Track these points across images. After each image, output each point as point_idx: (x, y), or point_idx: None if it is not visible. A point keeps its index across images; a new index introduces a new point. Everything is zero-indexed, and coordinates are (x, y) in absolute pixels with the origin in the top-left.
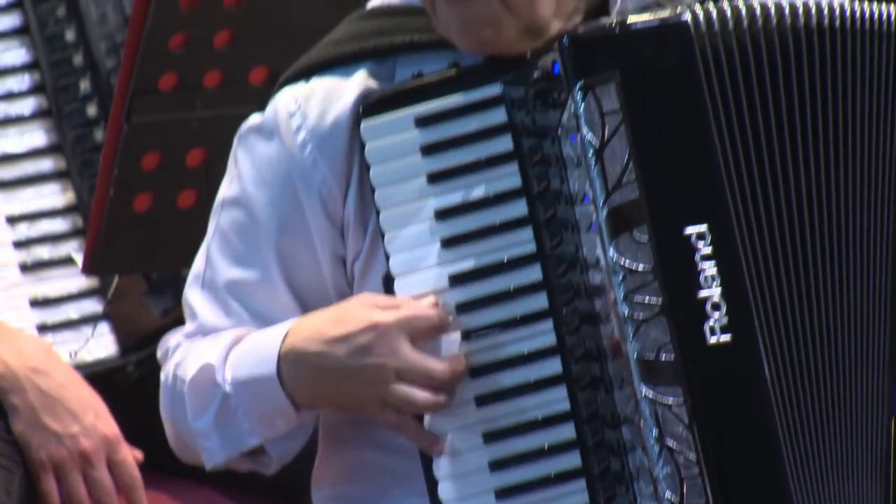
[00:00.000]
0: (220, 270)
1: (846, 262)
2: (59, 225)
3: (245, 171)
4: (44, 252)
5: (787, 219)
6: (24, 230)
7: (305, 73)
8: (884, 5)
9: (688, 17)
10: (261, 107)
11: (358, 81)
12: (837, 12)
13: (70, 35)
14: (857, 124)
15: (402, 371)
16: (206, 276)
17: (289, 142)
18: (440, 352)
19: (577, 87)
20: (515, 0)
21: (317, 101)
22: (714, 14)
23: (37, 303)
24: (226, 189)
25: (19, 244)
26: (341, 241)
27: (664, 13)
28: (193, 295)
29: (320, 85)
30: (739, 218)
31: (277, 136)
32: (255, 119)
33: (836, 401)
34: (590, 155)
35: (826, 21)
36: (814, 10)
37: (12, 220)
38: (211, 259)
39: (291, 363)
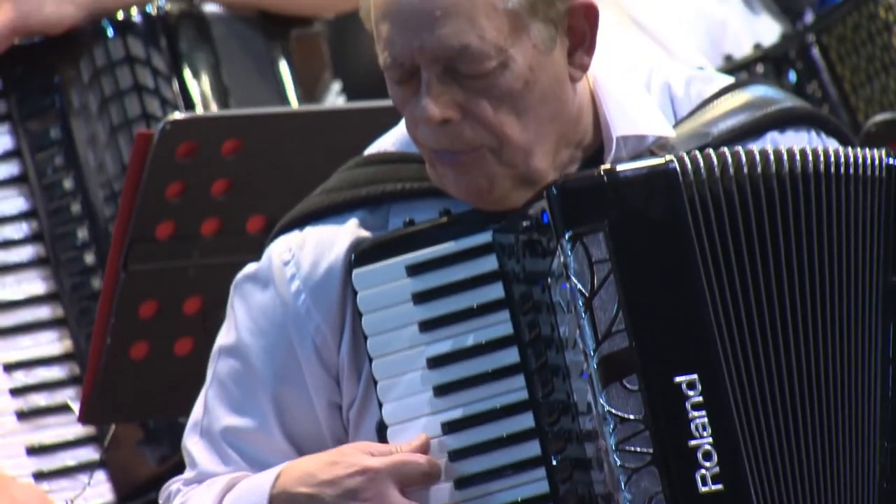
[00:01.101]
0: (217, 418)
1: (835, 406)
2: (55, 373)
3: (241, 319)
4: (41, 400)
5: (776, 365)
6: (21, 377)
7: (299, 222)
8: (869, 150)
9: (675, 165)
10: (258, 255)
11: (351, 229)
12: (822, 158)
13: (68, 183)
14: (844, 269)
15: None
16: (203, 423)
17: (283, 291)
18: (431, 499)
19: (566, 236)
20: (512, 155)
21: (310, 249)
22: (701, 162)
23: (33, 450)
24: (223, 337)
25: (16, 391)
26: (337, 389)
27: (653, 161)
28: (192, 442)
29: (314, 234)
30: (729, 365)
31: (272, 285)
32: (250, 268)
33: None
34: (579, 304)
35: (811, 167)
36: (798, 157)
37: (9, 368)
38: (209, 407)
39: (282, 503)
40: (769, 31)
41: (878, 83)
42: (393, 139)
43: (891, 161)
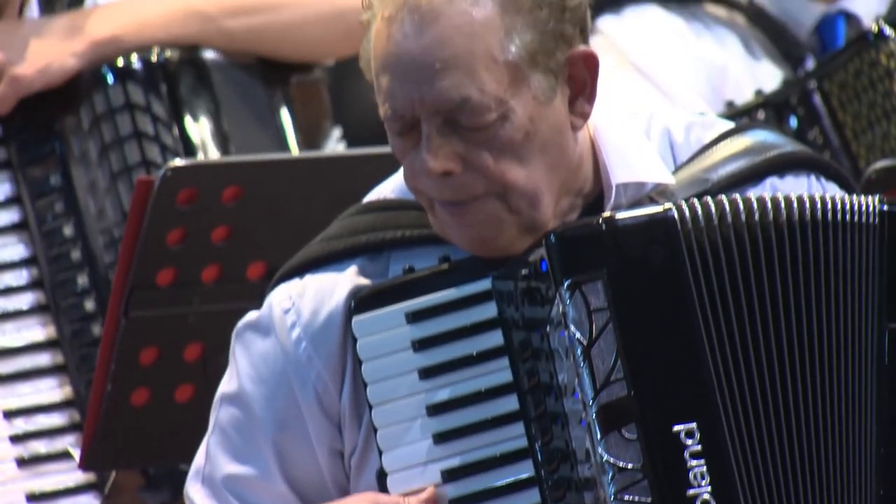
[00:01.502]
0: (219, 466)
1: (833, 455)
2: (56, 419)
3: (242, 367)
4: (41, 447)
5: (774, 413)
6: (21, 424)
7: (299, 270)
8: (863, 196)
9: (674, 212)
10: (259, 302)
11: (350, 277)
12: (819, 205)
13: (68, 230)
14: (841, 315)
15: None
16: (205, 471)
17: (283, 339)
18: None
19: (565, 285)
20: (517, 202)
21: (310, 297)
22: (699, 210)
23: (34, 497)
24: (225, 385)
25: (16, 438)
26: (338, 436)
27: (652, 209)
28: (194, 490)
29: (314, 281)
30: (728, 414)
31: (273, 333)
32: (251, 316)
33: None
34: (578, 353)
35: (808, 214)
36: (795, 204)
37: (9, 415)
38: (210, 454)
39: None
40: (770, 76)
41: (879, 130)
42: (392, 186)
43: (884, 207)
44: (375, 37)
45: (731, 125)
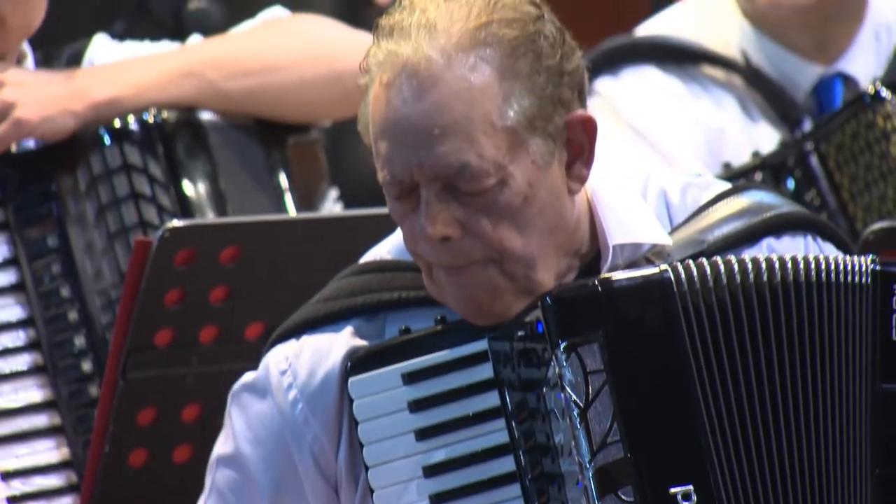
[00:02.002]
0: None
1: None
2: (53, 481)
3: (239, 429)
4: None
5: (769, 475)
6: (19, 485)
7: (296, 331)
8: (856, 256)
9: (670, 274)
10: (257, 363)
11: (347, 338)
12: (812, 266)
13: (65, 291)
14: (835, 376)
15: None
16: None
17: (280, 401)
18: None
19: (561, 347)
20: (514, 268)
21: (306, 358)
22: (695, 271)
23: None
24: (221, 446)
25: (14, 500)
26: (335, 498)
27: (648, 271)
28: None
29: (310, 342)
30: (724, 475)
31: (269, 394)
32: (247, 377)
33: None
34: (574, 415)
35: (802, 275)
36: (789, 265)
37: (7, 476)
38: None
39: None
40: (768, 138)
41: (876, 191)
42: (388, 246)
43: (876, 267)
44: (374, 102)
45: (727, 186)
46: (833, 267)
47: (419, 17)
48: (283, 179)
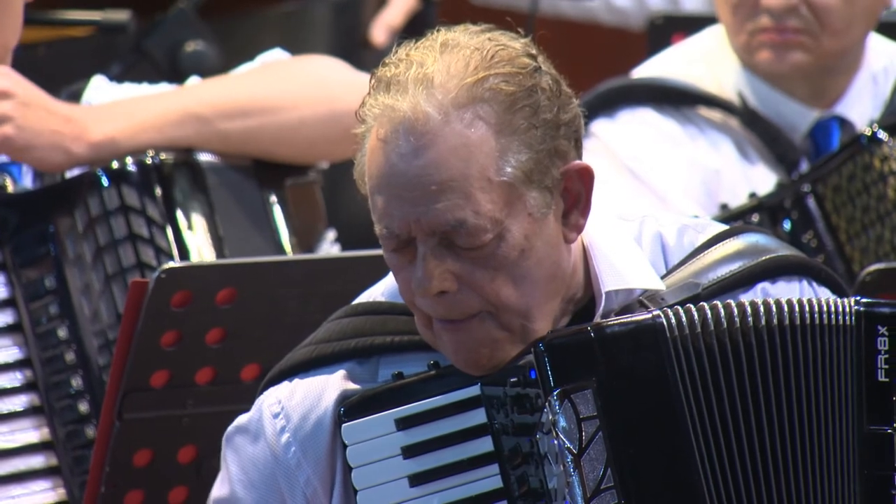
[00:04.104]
0: None
1: None
2: None
3: (234, 472)
4: None
5: None
6: None
7: (288, 374)
8: (841, 298)
9: (662, 319)
10: (252, 405)
11: (339, 381)
12: (797, 309)
13: (62, 332)
14: (822, 419)
15: None
16: None
17: (273, 444)
18: None
19: (554, 394)
20: (510, 320)
21: (299, 401)
22: (684, 317)
23: None
24: (217, 490)
25: None
26: None
27: (640, 316)
28: None
29: (302, 385)
30: None
31: (262, 437)
32: (241, 420)
33: None
34: (568, 461)
35: (787, 318)
36: (774, 309)
37: None
38: None
39: None
40: (764, 179)
41: (873, 233)
42: (382, 289)
43: (861, 308)
44: (370, 155)
45: (724, 228)
46: (818, 309)
47: (416, 71)
48: (281, 220)
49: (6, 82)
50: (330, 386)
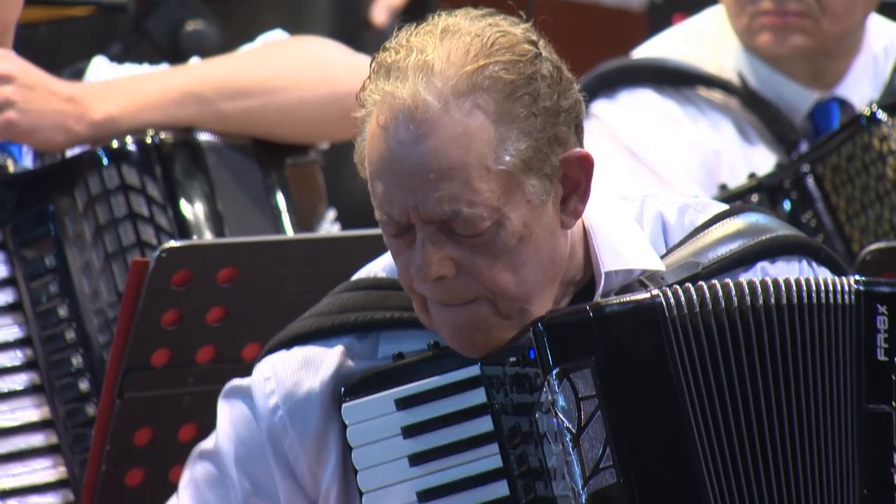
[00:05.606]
0: None
1: None
2: (50, 500)
3: (222, 427)
4: None
5: (760, 497)
6: None
7: (287, 343)
8: (840, 277)
9: (661, 299)
10: None
11: (338, 356)
12: (796, 288)
13: (63, 311)
14: (820, 397)
15: None
16: None
17: (261, 404)
18: None
19: (553, 373)
20: (507, 307)
21: (294, 369)
22: (683, 296)
23: None
24: (205, 441)
25: None
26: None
27: (640, 296)
28: None
29: (300, 354)
30: (717, 499)
31: (252, 397)
32: (236, 381)
33: None
34: (567, 440)
35: (784, 298)
36: (771, 288)
37: (3, 495)
38: None
39: None
40: (764, 160)
41: (872, 213)
42: (383, 264)
43: (860, 287)
44: (370, 140)
45: (724, 207)
46: (817, 288)
47: (416, 58)
48: (281, 200)
49: (7, 66)
50: (328, 359)
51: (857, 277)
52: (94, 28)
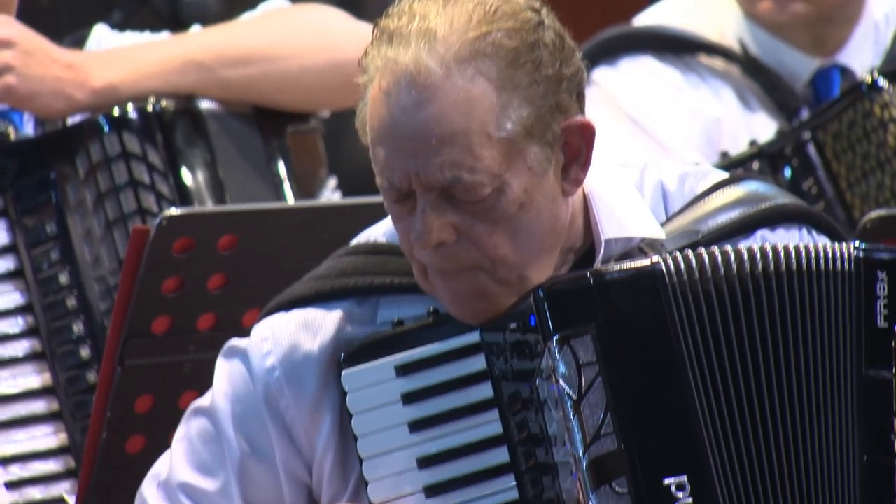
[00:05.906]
0: (180, 474)
1: (819, 501)
2: (51, 466)
3: (219, 384)
4: (36, 493)
5: (761, 463)
6: (17, 471)
7: (287, 306)
8: (840, 244)
9: (661, 266)
10: None
11: (336, 320)
12: (794, 255)
13: (64, 278)
14: (821, 363)
15: None
16: (165, 476)
17: (258, 364)
18: None
19: (554, 340)
20: (506, 274)
21: (292, 331)
22: (682, 263)
23: None
24: (202, 398)
25: (12, 485)
26: (304, 468)
27: (639, 263)
28: (150, 493)
29: (299, 316)
30: (717, 465)
31: (249, 357)
32: (237, 339)
33: None
34: (568, 407)
35: (784, 264)
36: (771, 255)
37: (5, 462)
38: (174, 462)
39: None
40: (765, 127)
41: (873, 180)
42: (383, 229)
43: (860, 254)
44: (372, 105)
45: (724, 175)
46: (817, 255)
47: (419, 24)
48: (282, 168)
49: (7, 31)
50: (327, 323)
51: (857, 244)
52: None
